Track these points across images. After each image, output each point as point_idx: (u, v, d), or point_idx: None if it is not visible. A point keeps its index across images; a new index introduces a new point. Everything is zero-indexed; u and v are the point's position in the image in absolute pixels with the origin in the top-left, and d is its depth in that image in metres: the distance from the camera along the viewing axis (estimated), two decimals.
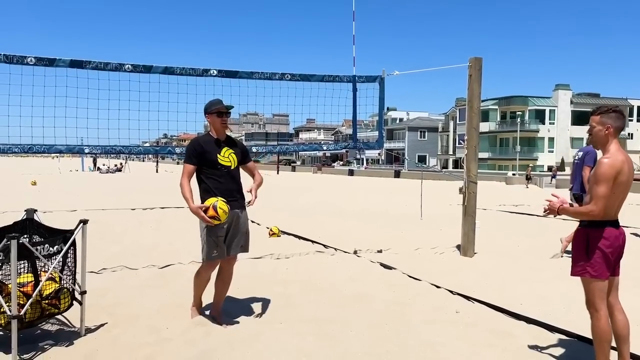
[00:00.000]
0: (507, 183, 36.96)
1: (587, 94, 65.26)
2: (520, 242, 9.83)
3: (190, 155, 4.59)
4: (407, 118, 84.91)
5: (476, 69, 8.31)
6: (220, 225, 4.51)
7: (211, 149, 4.62)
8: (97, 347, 4.33)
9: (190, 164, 4.58)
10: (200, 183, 4.67)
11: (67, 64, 6.11)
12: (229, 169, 4.66)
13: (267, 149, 14.36)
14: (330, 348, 4.39)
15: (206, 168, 4.59)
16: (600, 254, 3.60)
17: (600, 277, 3.63)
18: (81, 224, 4.42)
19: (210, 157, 4.59)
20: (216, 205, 4.38)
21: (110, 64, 6.31)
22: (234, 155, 4.74)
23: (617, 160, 3.57)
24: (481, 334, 4.73)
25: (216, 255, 4.65)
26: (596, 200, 3.53)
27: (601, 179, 3.53)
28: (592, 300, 3.68)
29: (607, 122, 3.68)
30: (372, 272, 7.08)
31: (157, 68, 6.53)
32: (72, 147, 6.20)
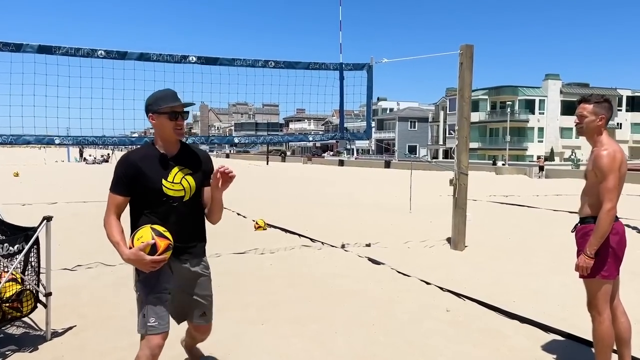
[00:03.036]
0: (497, 173, 36.89)
1: (577, 83, 65.23)
2: (511, 234, 9.63)
3: (118, 181, 2.90)
4: (398, 108, 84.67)
5: (467, 57, 8.04)
6: (165, 273, 2.91)
7: (153, 170, 2.90)
8: (63, 352, 4.04)
9: (117, 195, 2.90)
10: (134, 222, 2.94)
11: (35, 50, 5.75)
12: (181, 201, 2.96)
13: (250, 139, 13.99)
14: (314, 351, 4.14)
15: (144, 200, 2.92)
16: (611, 252, 3.36)
17: (610, 278, 3.40)
18: (44, 221, 4.12)
19: (151, 184, 2.89)
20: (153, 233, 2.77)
21: (81, 49, 5.95)
22: (191, 177, 3.00)
23: (616, 151, 3.34)
24: (472, 334, 4.50)
25: (153, 326, 2.85)
26: (611, 196, 3.27)
27: (608, 171, 3.28)
28: (596, 302, 3.44)
29: (601, 112, 3.42)
30: (359, 268, 6.83)
31: (132, 54, 6.18)
32: (41, 138, 5.86)
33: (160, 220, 2.88)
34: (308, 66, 7.14)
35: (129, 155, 2.97)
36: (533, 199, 17.01)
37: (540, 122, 63.35)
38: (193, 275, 3.09)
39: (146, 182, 2.89)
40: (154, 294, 2.89)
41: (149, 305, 2.87)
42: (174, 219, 2.93)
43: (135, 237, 2.77)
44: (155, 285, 2.90)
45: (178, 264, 3.00)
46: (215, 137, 9.35)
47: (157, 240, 2.74)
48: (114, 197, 2.91)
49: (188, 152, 3.08)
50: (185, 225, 2.99)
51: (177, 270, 3.00)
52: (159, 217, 2.91)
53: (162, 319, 2.90)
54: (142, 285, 2.91)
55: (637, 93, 67.09)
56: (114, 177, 2.92)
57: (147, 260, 2.72)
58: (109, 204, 2.92)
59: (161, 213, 2.92)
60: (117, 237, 2.81)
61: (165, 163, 2.95)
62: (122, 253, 2.78)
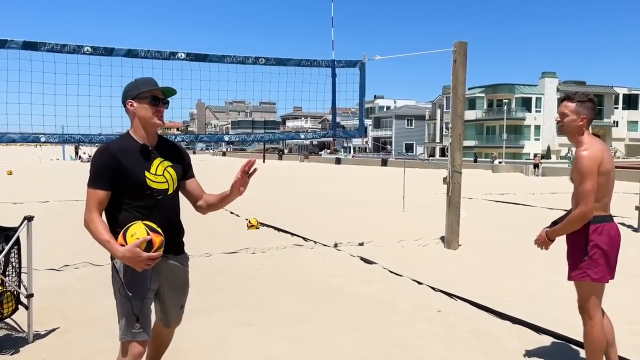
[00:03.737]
0: (494, 171, 36.85)
1: (573, 81, 65.08)
2: (506, 232, 9.56)
3: (98, 174, 2.68)
4: (395, 106, 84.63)
5: (461, 54, 7.96)
6: (149, 274, 2.75)
7: (134, 162, 2.74)
8: (44, 355, 3.95)
9: (98, 189, 2.68)
10: (112, 219, 2.76)
11: (19, 46, 5.63)
12: (165, 193, 2.82)
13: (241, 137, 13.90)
14: (301, 353, 4.06)
15: (126, 195, 2.74)
16: (601, 254, 3.27)
17: (601, 281, 3.32)
18: (25, 221, 4.02)
19: (134, 177, 2.72)
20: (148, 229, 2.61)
21: (67, 45, 5.84)
22: (173, 170, 2.87)
23: (596, 150, 3.24)
24: (463, 335, 4.42)
25: (139, 332, 2.71)
26: (585, 199, 3.20)
27: (585, 174, 3.20)
28: (587, 306, 3.36)
29: (583, 112, 3.33)
30: (351, 267, 6.74)
31: (120, 51, 6.07)
32: (26, 136, 5.75)
33: (144, 215, 2.71)
34: (299, 63, 7.05)
35: (108, 146, 2.77)
36: (529, 197, 16.94)
37: (537, 120, 63.32)
38: (177, 269, 2.96)
39: (128, 175, 2.69)
40: (140, 298, 2.72)
41: (135, 310, 2.70)
42: (158, 213, 2.76)
43: (128, 233, 2.57)
44: (142, 287, 2.73)
45: (164, 260, 2.80)
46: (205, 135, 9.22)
47: (152, 236, 2.57)
48: (95, 193, 2.68)
49: (167, 144, 2.95)
50: (170, 219, 2.85)
51: (163, 267, 2.83)
52: (142, 212, 2.73)
53: (148, 324, 2.76)
54: (128, 289, 2.70)
55: (634, 91, 67.11)
56: (93, 171, 2.69)
57: (144, 257, 2.54)
58: (89, 200, 2.69)
59: (144, 207, 2.74)
60: (106, 235, 2.60)
61: (146, 154, 2.78)
62: (117, 250, 2.55)
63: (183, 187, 3.01)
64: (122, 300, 2.72)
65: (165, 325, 3.06)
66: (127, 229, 2.59)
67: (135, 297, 2.71)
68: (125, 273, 2.71)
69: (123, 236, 2.57)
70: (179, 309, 3.06)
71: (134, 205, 2.74)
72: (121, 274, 2.72)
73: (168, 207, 2.85)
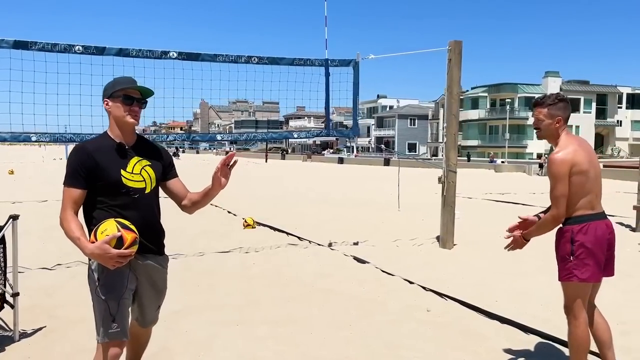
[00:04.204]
0: (496, 171, 36.78)
1: (577, 81, 64.83)
2: (503, 232, 9.46)
3: (74, 173, 2.66)
4: (398, 105, 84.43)
5: (456, 53, 7.93)
6: (126, 274, 2.73)
7: (110, 160, 2.71)
8: (29, 354, 3.95)
9: (74, 187, 2.66)
10: (89, 217, 2.76)
11: (10, 45, 5.64)
12: (142, 192, 2.79)
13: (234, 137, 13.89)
14: (287, 353, 4.04)
15: (102, 193, 2.72)
16: (588, 254, 3.24)
17: (589, 281, 3.29)
18: (10, 220, 4.02)
19: (110, 175, 2.70)
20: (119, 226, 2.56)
21: (58, 45, 5.84)
22: (151, 169, 2.85)
23: (568, 153, 3.22)
24: (451, 335, 4.40)
25: (117, 332, 2.68)
26: (556, 203, 3.22)
27: (555, 177, 3.22)
28: (572, 306, 3.34)
29: (557, 113, 3.33)
30: (344, 267, 6.72)
31: (111, 50, 6.07)
32: (17, 135, 5.75)
33: (119, 214, 2.67)
34: (293, 62, 7.03)
35: (84, 145, 2.77)
36: (529, 197, 16.87)
37: None
38: (155, 270, 2.91)
39: (104, 173, 2.68)
40: (117, 298, 2.68)
41: (111, 310, 2.67)
42: (134, 213, 2.72)
43: (99, 230, 2.53)
44: (119, 288, 2.69)
45: (141, 260, 2.80)
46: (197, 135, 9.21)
47: (123, 232, 2.52)
48: (70, 191, 2.66)
49: (145, 143, 2.93)
50: (147, 218, 2.81)
51: (141, 267, 2.81)
52: (118, 211, 2.70)
53: (125, 325, 2.74)
54: (104, 289, 2.67)
55: (638, 90, 66.74)
56: (69, 170, 2.67)
57: (113, 253, 2.48)
58: (65, 199, 2.66)
59: (121, 206, 2.71)
60: (77, 233, 2.56)
61: (122, 152, 2.76)
62: (85, 247, 2.52)
63: (166, 188, 3.00)
64: (99, 300, 2.69)
65: (142, 325, 3.04)
66: (98, 227, 2.56)
67: (111, 297, 2.67)
68: (101, 273, 2.67)
69: (94, 233, 2.55)
70: (155, 309, 3.03)
71: (110, 204, 2.71)
72: (97, 274, 2.69)
73: (145, 206, 2.81)
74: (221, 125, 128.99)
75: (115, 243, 2.51)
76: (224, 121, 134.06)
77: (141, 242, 2.69)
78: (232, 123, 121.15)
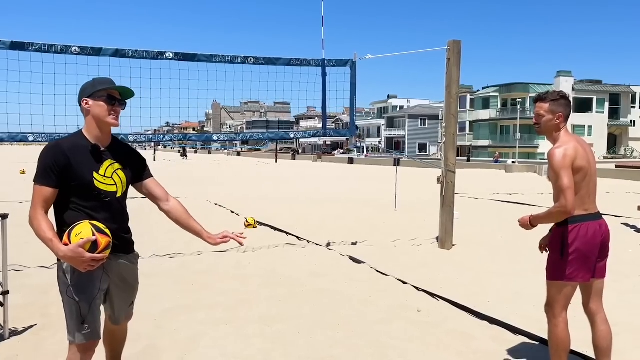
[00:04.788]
0: (507, 171, 36.52)
1: (589, 80, 64.15)
2: (504, 232, 9.45)
3: (46, 170, 2.63)
4: (408, 105, 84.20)
5: (455, 53, 7.90)
6: (98, 275, 2.72)
7: (84, 161, 2.69)
8: (18, 351, 4.00)
9: (45, 186, 2.63)
10: (60, 217, 2.74)
11: (7, 46, 5.72)
12: (113, 196, 2.79)
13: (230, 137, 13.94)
14: (273, 351, 4.06)
15: (73, 194, 2.70)
16: (577, 255, 3.22)
17: (575, 280, 3.27)
18: (0, 219, 4.07)
19: (82, 176, 2.68)
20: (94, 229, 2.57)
21: (55, 45, 5.92)
22: (122, 173, 2.85)
23: (569, 147, 3.22)
24: (438, 335, 4.39)
25: (88, 333, 2.69)
26: (563, 194, 3.14)
27: (559, 169, 3.16)
28: (553, 304, 3.34)
29: (558, 110, 3.32)
30: (339, 267, 6.73)
31: (107, 50, 6.13)
32: (14, 135, 5.83)
33: (91, 216, 2.67)
34: (289, 62, 7.05)
35: (58, 143, 2.72)
36: (537, 197, 16.73)
37: None
38: (127, 268, 2.95)
39: (76, 174, 2.65)
40: (89, 300, 2.68)
41: (82, 312, 2.67)
42: (105, 215, 2.72)
43: (73, 232, 2.52)
44: (90, 289, 2.69)
45: (113, 261, 2.80)
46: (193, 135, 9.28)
47: (98, 237, 2.52)
48: (41, 190, 2.61)
49: (120, 146, 2.93)
50: (117, 221, 2.82)
51: (112, 268, 2.81)
52: (90, 212, 2.69)
53: (98, 325, 2.76)
54: (75, 290, 2.66)
55: None
56: (41, 167, 2.62)
57: (87, 257, 2.49)
58: (35, 197, 2.62)
59: (91, 208, 2.70)
60: (50, 234, 2.53)
61: (97, 155, 2.74)
62: (58, 250, 2.50)
63: (141, 188, 3.01)
64: (70, 302, 2.68)
65: (114, 322, 3.05)
66: (73, 228, 2.56)
67: (83, 299, 2.67)
68: (72, 274, 2.67)
69: (68, 235, 2.55)
70: (128, 306, 3.05)
71: (81, 205, 2.70)
72: (68, 276, 2.68)
73: (116, 210, 2.82)
74: (233, 125, 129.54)
75: (90, 247, 2.51)
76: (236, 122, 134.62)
77: (113, 244, 2.70)
78: (244, 123, 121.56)
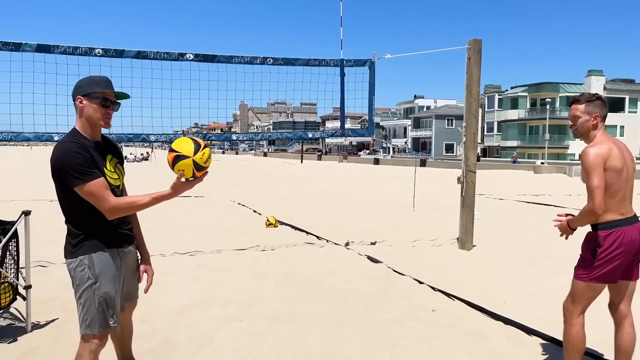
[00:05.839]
0: (536, 172, 35.92)
1: (621, 79, 62.65)
2: (527, 234, 9.33)
3: (83, 167, 2.63)
4: (435, 106, 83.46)
5: (475, 52, 7.84)
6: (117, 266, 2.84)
7: (96, 158, 2.75)
8: (38, 344, 4.13)
9: (97, 178, 2.66)
10: (74, 216, 2.78)
11: (33, 49, 5.91)
12: (118, 189, 2.86)
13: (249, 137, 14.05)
14: (285, 349, 4.10)
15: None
16: (611, 259, 3.19)
17: (600, 282, 3.25)
18: (23, 215, 4.21)
19: (101, 172, 2.74)
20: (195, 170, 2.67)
21: (79, 48, 6.08)
22: (120, 165, 2.98)
23: (602, 147, 3.18)
24: (451, 335, 4.37)
25: (114, 324, 2.82)
26: (591, 194, 3.13)
27: (589, 169, 3.14)
28: (573, 304, 3.33)
29: (594, 110, 3.30)
30: (356, 266, 6.74)
31: (130, 52, 6.27)
32: (40, 135, 6.01)
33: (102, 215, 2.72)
34: (307, 63, 7.10)
35: (75, 142, 2.69)
36: (564, 199, 16.45)
37: None
38: (133, 257, 3.06)
39: (98, 169, 2.71)
40: (112, 290, 2.78)
41: (108, 301, 2.75)
42: None
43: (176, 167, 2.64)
44: (115, 279, 2.80)
45: (125, 250, 2.93)
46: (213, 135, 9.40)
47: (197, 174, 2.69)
48: (97, 182, 2.64)
49: (108, 140, 2.99)
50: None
51: (125, 257, 2.93)
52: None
53: (118, 316, 2.86)
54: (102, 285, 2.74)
55: None
56: (79, 166, 2.61)
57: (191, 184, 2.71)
58: (97, 193, 2.64)
59: None
60: (144, 197, 2.69)
61: (101, 151, 2.82)
62: (166, 194, 2.68)
63: None
64: (90, 299, 2.74)
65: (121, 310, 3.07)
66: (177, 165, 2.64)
67: (108, 290, 2.76)
68: (97, 268, 2.74)
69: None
70: (136, 292, 3.15)
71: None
72: (92, 270, 2.73)
73: None
74: (259, 126, 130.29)
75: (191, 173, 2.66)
76: (262, 122, 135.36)
77: (124, 234, 2.89)
78: (270, 124, 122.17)
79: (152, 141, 6.70)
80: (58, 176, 2.70)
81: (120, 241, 2.88)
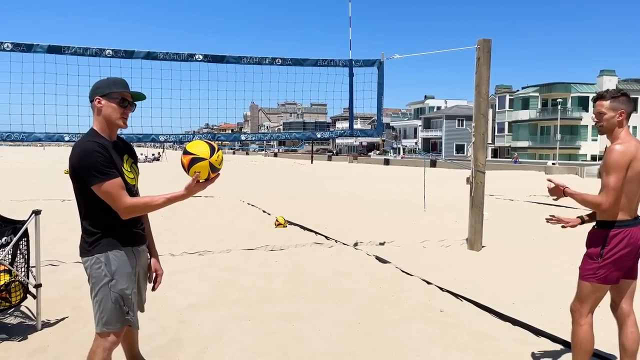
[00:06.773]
0: (547, 173, 35.69)
1: (634, 79, 61.99)
2: (536, 234, 9.28)
3: (104, 165, 2.68)
4: (445, 106, 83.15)
5: (485, 52, 7.81)
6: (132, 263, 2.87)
7: (115, 158, 2.80)
8: (48, 342, 4.18)
9: (113, 178, 2.69)
10: (91, 215, 2.79)
11: (45, 50, 5.98)
12: (134, 188, 2.91)
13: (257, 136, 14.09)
14: (292, 347, 4.12)
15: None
16: (616, 260, 3.19)
17: (607, 283, 3.25)
18: (33, 215, 4.26)
19: (120, 172, 2.81)
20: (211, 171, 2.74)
21: (90, 49, 6.15)
22: (135, 166, 3.05)
23: (630, 146, 3.14)
24: (459, 336, 4.36)
25: (130, 320, 2.88)
26: (607, 192, 3.10)
27: (612, 167, 3.10)
28: (581, 305, 3.32)
29: (620, 107, 3.25)
30: (364, 266, 6.74)
31: (139, 53, 6.33)
32: (51, 135, 6.07)
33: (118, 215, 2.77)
34: (316, 63, 7.12)
35: (95, 142, 2.72)
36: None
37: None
38: (145, 257, 3.10)
39: (117, 169, 2.76)
40: (128, 287, 2.81)
41: (124, 297, 2.80)
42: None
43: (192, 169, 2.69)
44: (130, 277, 2.84)
45: (140, 250, 2.97)
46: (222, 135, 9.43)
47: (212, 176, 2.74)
48: (114, 182, 2.69)
49: (125, 141, 3.06)
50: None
51: (139, 256, 2.97)
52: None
53: (135, 312, 2.92)
54: (118, 283, 2.77)
55: None
56: (99, 165, 2.65)
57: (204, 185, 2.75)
58: (113, 192, 2.68)
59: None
60: (165, 196, 2.72)
61: (119, 151, 2.87)
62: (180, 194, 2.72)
63: None
64: (108, 296, 2.77)
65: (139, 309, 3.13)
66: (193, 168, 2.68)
67: (126, 287, 2.81)
68: (114, 266, 2.77)
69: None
70: (145, 290, 3.17)
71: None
72: (109, 268, 2.76)
73: None
74: (270, 127, 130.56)
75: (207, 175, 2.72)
76: (273, 123, 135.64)
77: (138, 234, 2.94)
78: (281, 125, 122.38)
79: (161, 141, 6.75)
80: (77, 175, 2.73)
81: (135, 240, 2.92)
